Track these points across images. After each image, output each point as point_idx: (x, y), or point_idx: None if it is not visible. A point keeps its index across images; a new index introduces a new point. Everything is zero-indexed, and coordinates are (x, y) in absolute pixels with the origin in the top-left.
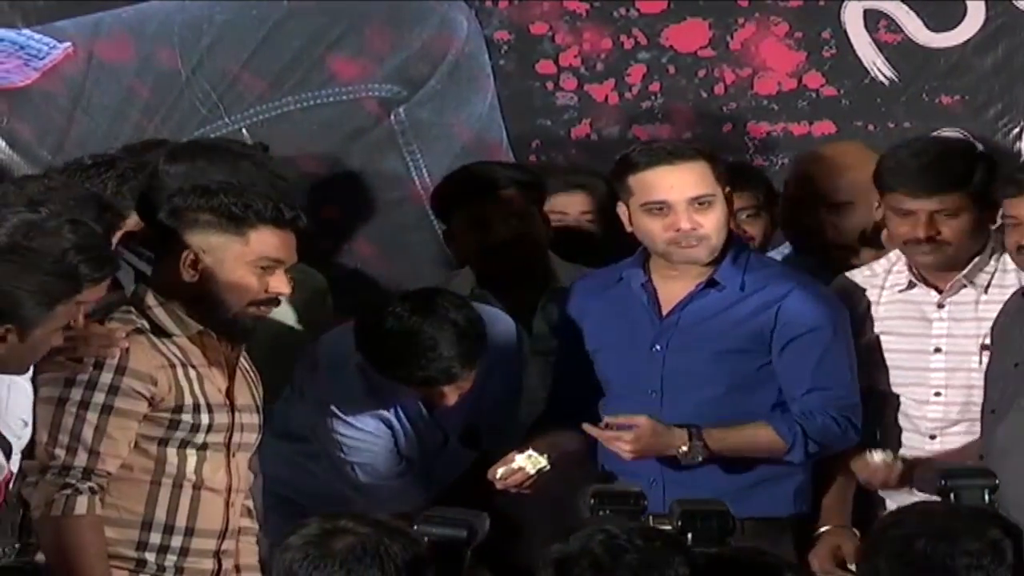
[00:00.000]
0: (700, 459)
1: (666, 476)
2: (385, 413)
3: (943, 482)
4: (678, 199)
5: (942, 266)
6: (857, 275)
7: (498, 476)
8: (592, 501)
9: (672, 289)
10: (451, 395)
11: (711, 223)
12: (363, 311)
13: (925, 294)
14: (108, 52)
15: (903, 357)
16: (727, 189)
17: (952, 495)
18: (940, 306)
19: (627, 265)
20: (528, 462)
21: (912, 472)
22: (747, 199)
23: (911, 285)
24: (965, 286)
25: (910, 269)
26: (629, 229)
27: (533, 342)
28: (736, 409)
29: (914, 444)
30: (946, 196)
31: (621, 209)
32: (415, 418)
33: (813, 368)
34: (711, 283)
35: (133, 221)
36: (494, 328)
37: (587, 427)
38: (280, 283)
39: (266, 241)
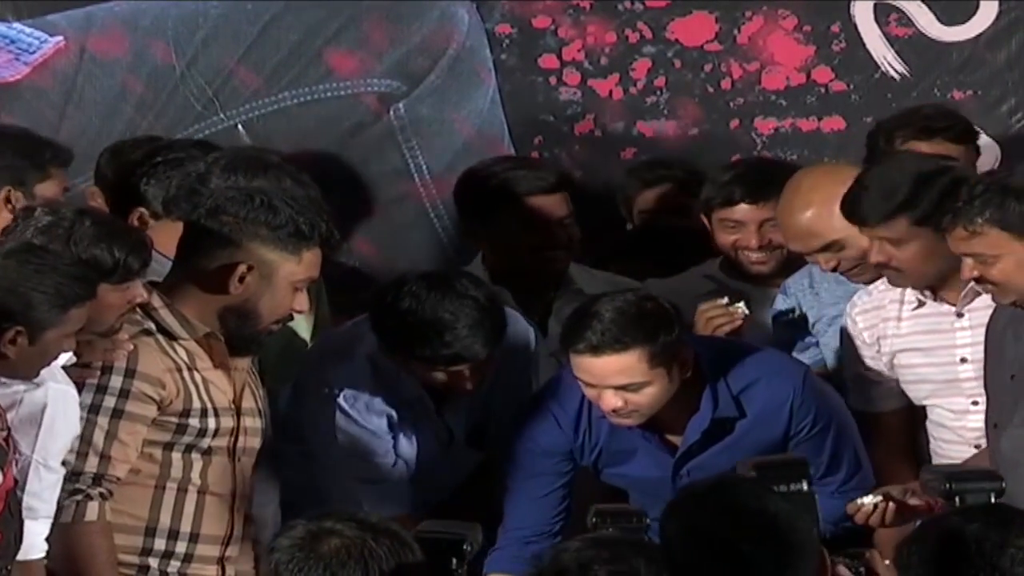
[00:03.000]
0: None
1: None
2: (389, 411)
3: (948, 485)
4: (601, 384)
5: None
6: (884, 289)
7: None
8: (594, 520)
9: (667, 424)
10: (469, 378)
11: (642, 400)
12: (375, 293)
13: (938, 308)
14: (101, 46)
15: (932, 371)
16: (680, 355)
17: (957, 499)
18: (960, 315)
19: None
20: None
21: (904, 510)
22: (772, 208)
23: (920, 304)
24: (979, 293)
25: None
26: None
27: (547, 343)
28: None
29: (959, 454)
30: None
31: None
32: (421, 415)
33: (826, 460)
34: (714, 423)
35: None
36: (511, 328)
37: None
38: (303, 301)
39: (313, 262)
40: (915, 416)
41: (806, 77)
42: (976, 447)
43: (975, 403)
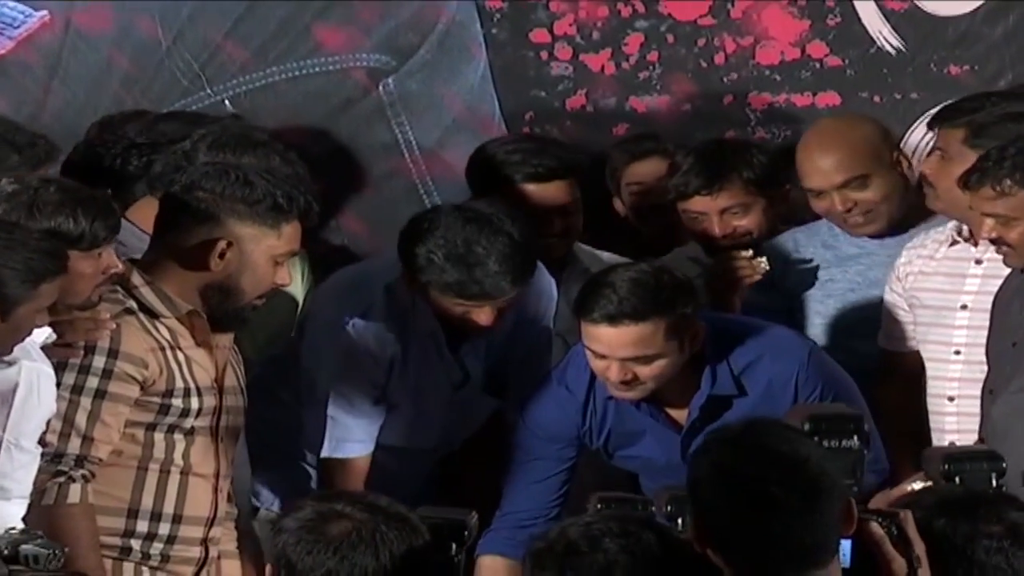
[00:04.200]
0: None
1: None
2: (396, 347)
3: (947, 466)
4: (612, 356)
5: None
6: (932, 234)
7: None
8: (599, 507)
9: (671, 401)
10: (489, 314)
11: (650, 373)
12: (410, 221)
13: (965, 249)
14: (86, 21)
15: (930, 313)
16: (691, 331)
17: (957, 479)
18: (978, 262)
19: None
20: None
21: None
22: (729, 197)
23: (954, 242)
24: None
25: (957, 224)
26: None
27: (554, 324)
28: None
29: (933, 408)
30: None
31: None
32: (431, 351)
33: None
34: (711, 400)
35: None
36: (536, 275)
37: None
38: (285, 275)
39: (293, 235)
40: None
41: (801, 52)
42: (949, 399)
43: (957, 352)
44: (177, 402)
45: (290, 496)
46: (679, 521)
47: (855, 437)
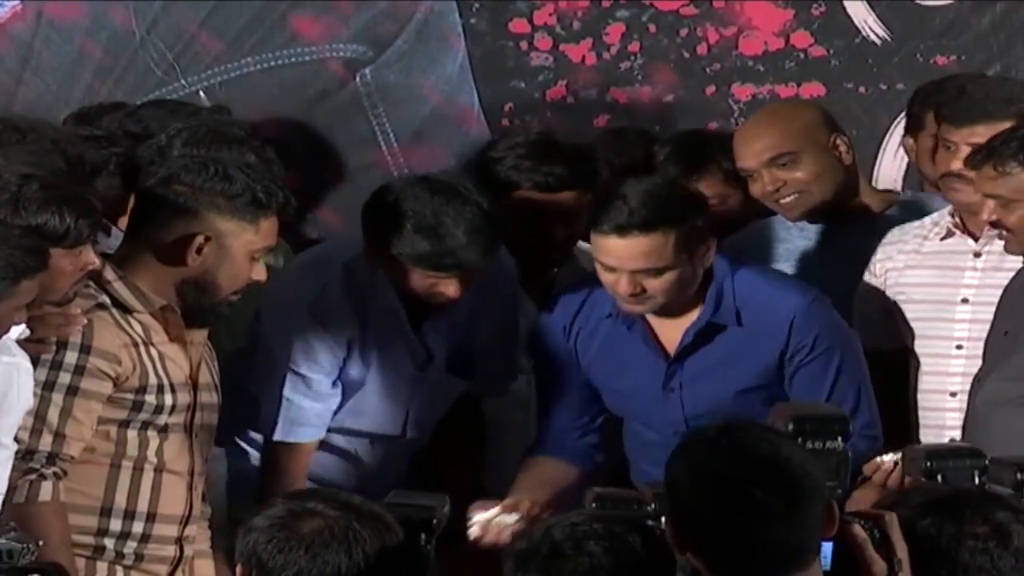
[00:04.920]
0: None
1: None
2: (352, 331)
3: (929, 463)
4: (621, 268)
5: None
6: (908, 228)
7: (472, 535)
8: (594, 505)
9: (668, 325)
10: (457, 286)
11: (659, 286)
12: (373, 193)
13: (962, 242)
14: (58, 10)
15: (928, 308)
16: (706, 243)
17: (940, 477)
18: (977, 255)
19: (611, 297)
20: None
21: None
22: (707, 186)
23: (949, 234)
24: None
25: (952, 216)
26: None
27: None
28: None
29: (934, 404)
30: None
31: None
32: (392, 329)
33: (828, 392)
34: (708, 326)
35: None
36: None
37: None
38: (261, 271)
39: (270, 230)
40: (906, 362)
41: (785, 42)
42: (951, 394)
43: (959, 347)
44: (151, 399)
45: (233, 481)
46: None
47: (839, 438)
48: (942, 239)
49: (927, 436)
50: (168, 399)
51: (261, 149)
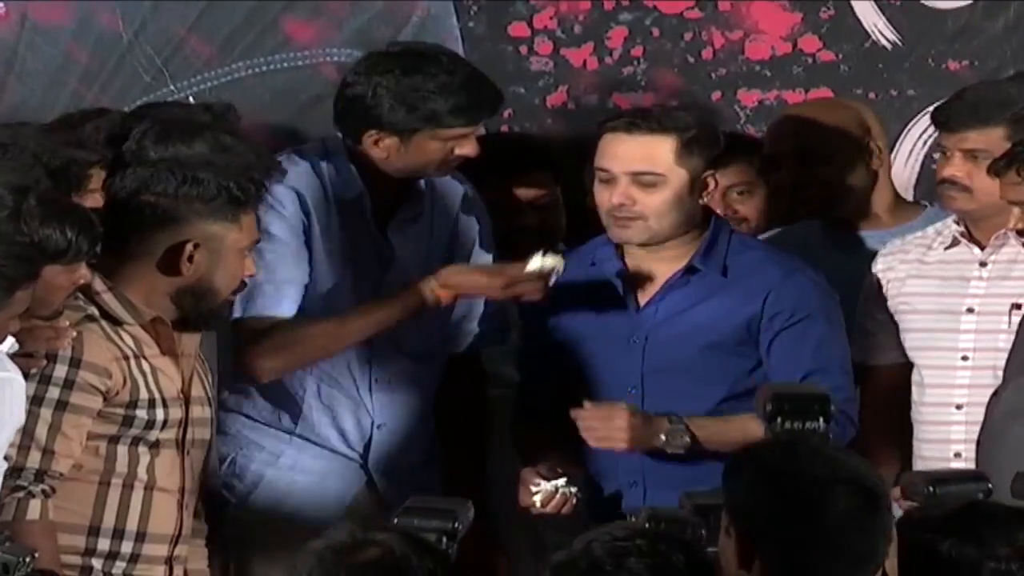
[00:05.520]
0: (684, 447)
1: (647, 478)
2: (323, 217)
3: (931, 488)
4: (619, 171)
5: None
6: (910, 239)
7: (537, 504)
8: (648, 525)
9: (648, 275)
10: (475, 143)
11: (650, 203)
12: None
13: (967, 251)
14: (43, 14)
15: (932, 319)
16: (705, 173)
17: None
18: (982, 264)
19: (600, 245)
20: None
21: None
22: (736, 174)
23: (955, 243)
24: (1006, 243)
25: (957, 224)
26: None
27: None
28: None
29: (939, 417)
30: None
31: (589, 176)
32: (357, 219)
33: (808, 360)
34: (690, 269)
35: None
36: (458, 184)
37: (575, 414)
38: (251, 265)
39: (252, 225)
40: (908, 378)
41: (792, 46)
42: (957, 407)
43: (964, 358)
44: (142, 414)
45: None
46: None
47: (820, 419)
48: (947, 248)
49: (931, 451)
50: (160, 414)
51: (235, 127)
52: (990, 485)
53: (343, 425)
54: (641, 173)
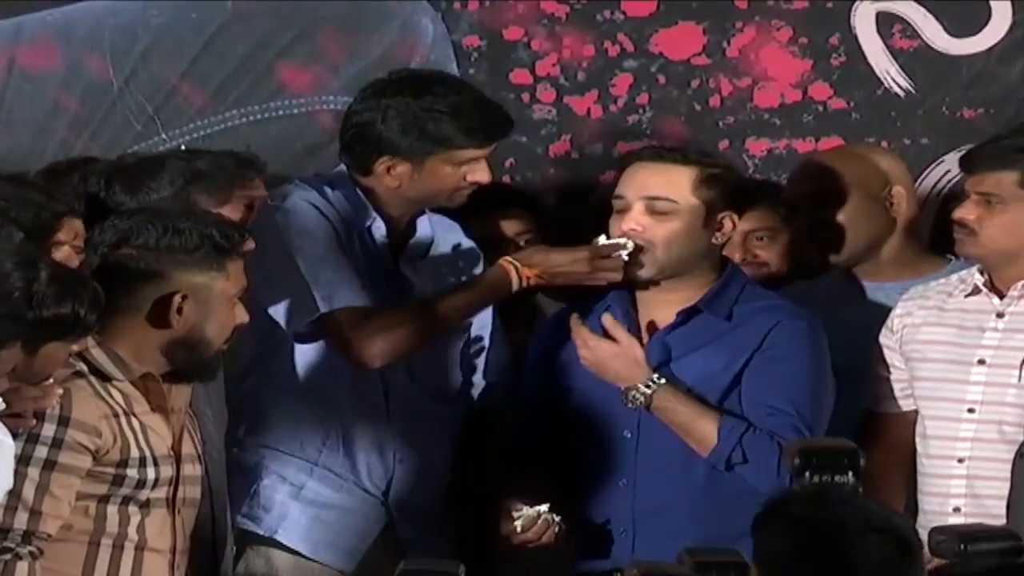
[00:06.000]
0: (638, 406)
1: (637, 527)
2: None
3: (962, 546)
4: (634, 196)
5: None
6: (933, 285)
7: (518, 529)
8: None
9: (655, 316)
10: (487, 169)
11: (660, 232)
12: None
13: (986, 302)
14: (31, 60)
15: (943, 368)
16: (723, 213)
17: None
18: (999, 315)
19: (615, 289)
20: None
21: None
22: (759, 219)
23: (975, 291)
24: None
25: (981, 274)
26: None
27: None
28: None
29: (939, 470)
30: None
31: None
32: (374, 260)
33: (779, 389)
34: (692, 311)
35: None
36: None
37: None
38: (243, 313)
39: (239, 271)
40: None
41: (802, 94)
42: (959, 460)
43: (971, 410)
44: (132, 473)
45: None
46: None
47: (849, 473)
48: (967, 296)
49: (931, 504)
50: (151, 473)
51: (192, 154)
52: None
53: (366, 458)
54: (655, 198)
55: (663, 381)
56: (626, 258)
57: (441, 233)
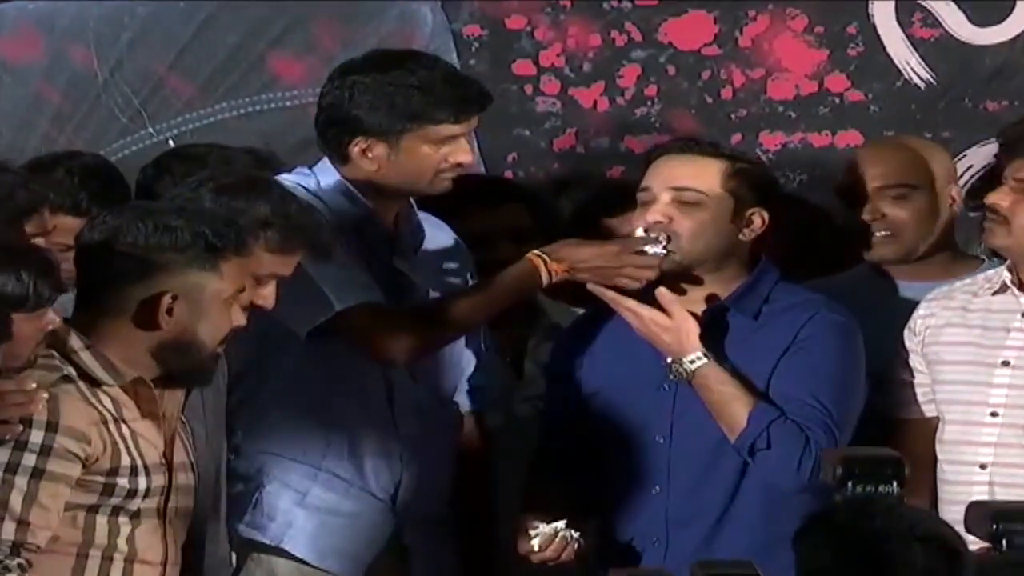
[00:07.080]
0: (680, 379)
1: (671, 537)
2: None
3: (995, 526)
4: (660, 187)
5: None
6: (958, 285)
7: (535, 547)
8: None
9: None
10: (468, 149)
11: (686, 223)
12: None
13: (1013, 300)
14: (12, 50)
15: (967, 369)
16: (752, 209)
17: (1005, 541)
18: None
19: (642, 292)
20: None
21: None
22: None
23: (1002, 288)
24: None
25: (1009, 271)
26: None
27: (523, 388)
28: None
29: (961, 476)
30: None
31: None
32: (368, 252)
33: (810, 382)
34: (721, 309)
35: None
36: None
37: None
38: (241, 315)
39: (235, 272)
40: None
41: (818, 85)
42: (981, 466)
43: (994, 414)
44: (123, 481)
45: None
46: None
47: (893, 482)
48: (993, 294)
49: (952, 513)
50: (142, 482)
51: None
52: None
53: (372, 461)
54: (683, 188)
55: (709, 357)
56: (662, 252)
57: (430, 230)
